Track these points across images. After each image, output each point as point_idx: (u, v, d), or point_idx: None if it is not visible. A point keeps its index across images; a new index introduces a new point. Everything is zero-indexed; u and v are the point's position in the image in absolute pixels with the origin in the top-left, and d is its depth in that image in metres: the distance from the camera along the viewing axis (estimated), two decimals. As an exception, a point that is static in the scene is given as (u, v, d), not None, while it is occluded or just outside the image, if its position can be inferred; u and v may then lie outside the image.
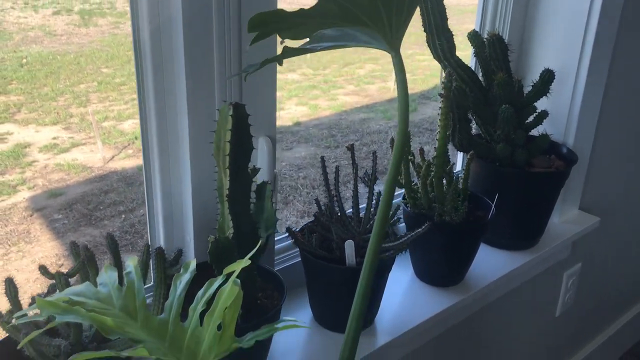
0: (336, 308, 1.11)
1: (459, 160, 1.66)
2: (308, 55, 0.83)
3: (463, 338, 1.50)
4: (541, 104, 1.38)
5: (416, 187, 1.23)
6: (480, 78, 1.36)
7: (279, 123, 1.13)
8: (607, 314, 2.22)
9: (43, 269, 0.74)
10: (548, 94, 1.34)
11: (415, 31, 1.11)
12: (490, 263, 1.40)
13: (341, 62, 7.42)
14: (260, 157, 1.09)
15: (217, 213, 0.92)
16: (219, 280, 0.68)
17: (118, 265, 0.82)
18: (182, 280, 0.69)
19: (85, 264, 0.74)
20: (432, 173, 1.19)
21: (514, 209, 1.39)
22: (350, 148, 1.13)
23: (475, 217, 1.27)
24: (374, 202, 1.12)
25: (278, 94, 1.09)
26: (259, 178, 1.03)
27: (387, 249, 1.09)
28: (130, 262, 0.70)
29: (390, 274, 1.33)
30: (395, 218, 1.18)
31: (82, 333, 0.78)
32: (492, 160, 1.37)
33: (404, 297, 1.28)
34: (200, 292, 0.66)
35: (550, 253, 1.51)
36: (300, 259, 1.13)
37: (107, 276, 0.68)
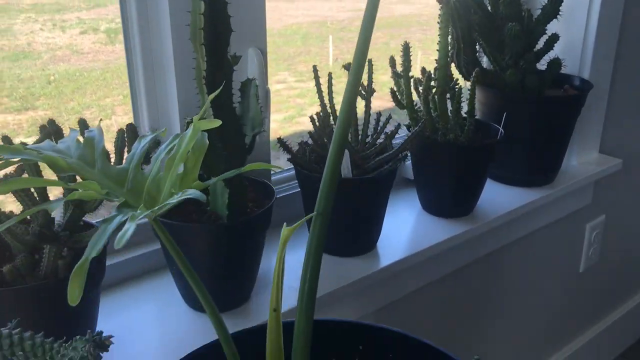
0: (332, 230, 1.06)
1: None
2: None
3: (475, 281, 1.42)
4: (552, 30, 1.31)
5: (418, 108, 1.17)
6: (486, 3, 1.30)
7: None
8: (636, 275, 2.11)
9: (6, 139, 0.70)
10: (559, 16, 1.27)
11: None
12: (502, 198, 1.33)
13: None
14: (250, 70, 1.05)
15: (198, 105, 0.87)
16: (186, 133, 0.63)
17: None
18: (146, 138, 0.64)
19: (50, 135, 0.70)
20: (435, 89, 1.13)
21: (527, 139, 1.31)
22: (347, 67, 1.08)
23: (484, 144, 1.20)
24: (371, 116, 1.07)
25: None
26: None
27: (386, 160, 1.03)
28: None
29: (396, 208, 1.28)
30: (391, 130, 1.11)
31: (50, 216, 0.74)
32: (501, 89, 1.31)
33: (409, 226, 1.22)
34: (164, 145, 0.62)
35: (568, 191, 1.43)
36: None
37: (68, 137, 0.64)
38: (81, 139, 0.64)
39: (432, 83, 1.12)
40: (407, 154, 1.03)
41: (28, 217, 0.75)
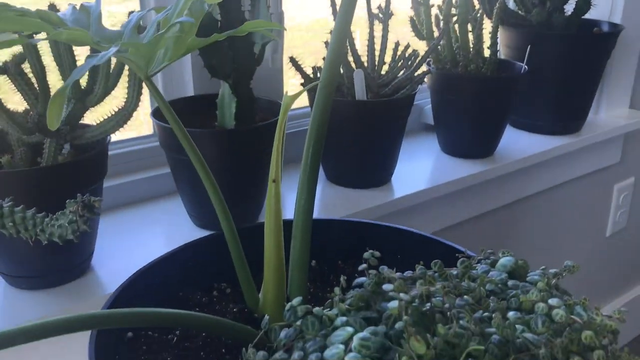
0: (345, 159, 1.02)
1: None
2: None
3: (494, 233, 1.37)
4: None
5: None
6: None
7: None
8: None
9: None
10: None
11: None
12: (524, 143, 1.28)
13: None
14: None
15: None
16: None
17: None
18: (146, 9, 0.61)
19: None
20: (455, 17, 1.08)
21: (552, 82, 1.26)
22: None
23: (506, 76, 1.15)
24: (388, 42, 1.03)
25: None
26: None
27: (402, 85, 0.99)
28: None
29: (414, 149, 1.24)
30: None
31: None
32: (527, 29, 1.26)
33: (426, 165, 1.18)
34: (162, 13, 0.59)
35: (594, 142, 1.38)
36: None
37: (66, 10, 0.61)
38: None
39: (453, 11, 1.07)
40: (424, 77, 0.99)
41: (27, 107, 0.73)
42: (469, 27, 1.09)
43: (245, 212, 0.89)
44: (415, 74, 0.98)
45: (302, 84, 1.01)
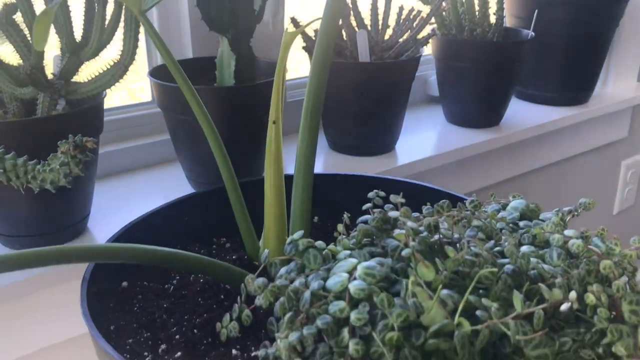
0: (348, 126, 1.00)
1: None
2: None
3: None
4: None
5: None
6: None
7: None
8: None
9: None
10: None
11: None
12: (531, 114, 1.25)
13: None
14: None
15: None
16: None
17: None
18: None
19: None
20: (460, -19, 1.06)
21: (559, 48, 1.23)
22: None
23: (513, 41, 1.13)
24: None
25: None
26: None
27: (406, 48, 0.97)
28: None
29: (419, 119, 1.21)
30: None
31: (42, 59, 0.70)
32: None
33: (432, 133, 1.15)
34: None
35: (602, 114, 1.35)
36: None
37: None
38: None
39: (459, -27, 1.05)
40: (429, 39, 0.96)
41: (20, 60, 0.71)
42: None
43: (246, 172, 0.87)
44: (420, 35, 0.95)
45: (303, 48, 0.98)
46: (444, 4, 1.05)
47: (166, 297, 0.54)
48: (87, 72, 0.75)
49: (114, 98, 1.05)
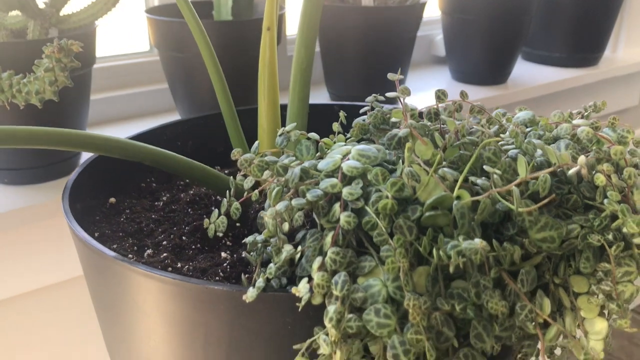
0: (349, 74, 0.97)
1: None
2: None
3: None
4: None
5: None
6: None
7: None
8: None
9: None
10: None
11: None
12: (538, 73, 1.22)
13: None
14: None
15: None
16: None
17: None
18: None
19: None
20: None
21: (570, 5, 1.20)
22: None
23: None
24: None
25: None
26: None
27: (410, -8, 0.94)
28: None
29: (423, 78, 1.19)
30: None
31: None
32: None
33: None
34: None
35: (611, 77, 1.31)
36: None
37: None
38: None
39: None
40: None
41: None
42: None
43: (243, 104, 0.85)
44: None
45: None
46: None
47: (155, 211, 0.51)
48: (79, 3, 0.73)
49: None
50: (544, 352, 0.33)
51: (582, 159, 0.33)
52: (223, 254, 0.43)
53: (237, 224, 0.48)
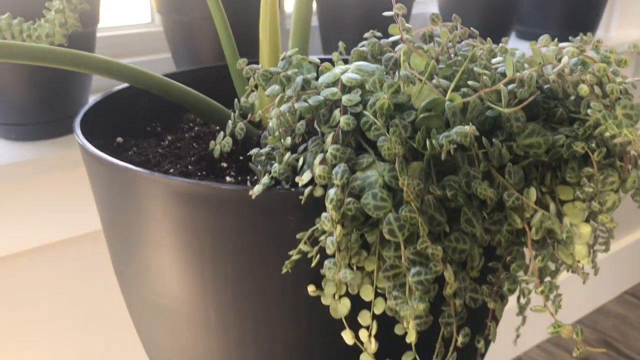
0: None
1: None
2: None
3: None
4: None
5: None
6: None
7: None
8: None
9: None
10: None
11: None
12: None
13: None
14: None
15: None
16: None
17: None
18: None
19: None
20: None
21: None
22: None
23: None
24: None
25: None
26: None
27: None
28: None
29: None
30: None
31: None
32: None
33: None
34: None
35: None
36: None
37: None
38: None
39: None
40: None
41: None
42: None
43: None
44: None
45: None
46: None
47: (161, 147, 0.53)
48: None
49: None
50: (532, 246, 0.35)
51: (565, 59, 0.35)
52: (228, 178, 0.45)
53: (240, 158, 0.50)
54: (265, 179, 0.35)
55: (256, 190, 0.34)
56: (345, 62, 0.48)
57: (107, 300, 0.80)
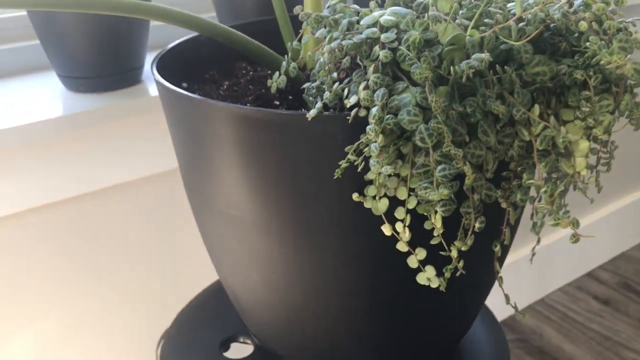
0: None
1: None
2: None
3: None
4: None
5: None
6: None
7: None
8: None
9: None
10: None
11: None
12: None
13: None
14: None
15: None
16: None
17: None
18: None
19: None
20: None
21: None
22: None
23: None
24: None
25: None
26: None
27: None
28: None
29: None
30: None
31: None
32: None
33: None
34: None
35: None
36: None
37: None
38: None
39: None
40: None
41: None
42: None
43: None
44: None
45: None
46: None
47: (222, 91, 0.62)
48: None
49: None
50: (537, 155, 0.43)
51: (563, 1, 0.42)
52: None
53: (290, 97, 0.58)
54: (318, 104, 0.43)
55: (312, 113, 0.42)
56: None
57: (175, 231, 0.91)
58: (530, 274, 1.56)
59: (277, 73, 0.52)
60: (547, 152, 0.45)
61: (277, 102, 0.57)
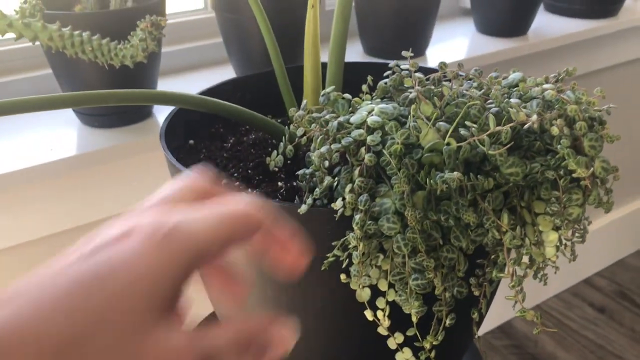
0: (376, 24, 1.09)
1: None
2: None
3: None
4: None
5: None
6: None
7: None
8: None
9: None
10: None
11: None
12: (559, 25, 1.32)
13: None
14: None
15: None
16: None
17: None
18: None
19: None
20: None
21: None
22: None
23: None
24: None
25: None
26: None
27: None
28: None
29: (449, 30, 1.29)
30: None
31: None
32: None
33: (461, 41, 1.23)
34: None
35: (632, 26, 1.39)
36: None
37: None
38: None
39: None
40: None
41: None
42: None
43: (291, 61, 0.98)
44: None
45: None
46: None
47: (225, 150, 0.66)
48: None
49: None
50: (507, 253, 0.47)
51: (534, 117, 0.46)
52: (279, 184, 0.58)
53: (289, 162, 0.62)
54: (309, 200, 0.47)
55: (302, 209, 0.47)
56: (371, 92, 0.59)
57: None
58: (526, 280, 1.60)
59: (274, 152, 0.56)
60: (519, 246, 0.49)
61: (276, 169, 0.61)
